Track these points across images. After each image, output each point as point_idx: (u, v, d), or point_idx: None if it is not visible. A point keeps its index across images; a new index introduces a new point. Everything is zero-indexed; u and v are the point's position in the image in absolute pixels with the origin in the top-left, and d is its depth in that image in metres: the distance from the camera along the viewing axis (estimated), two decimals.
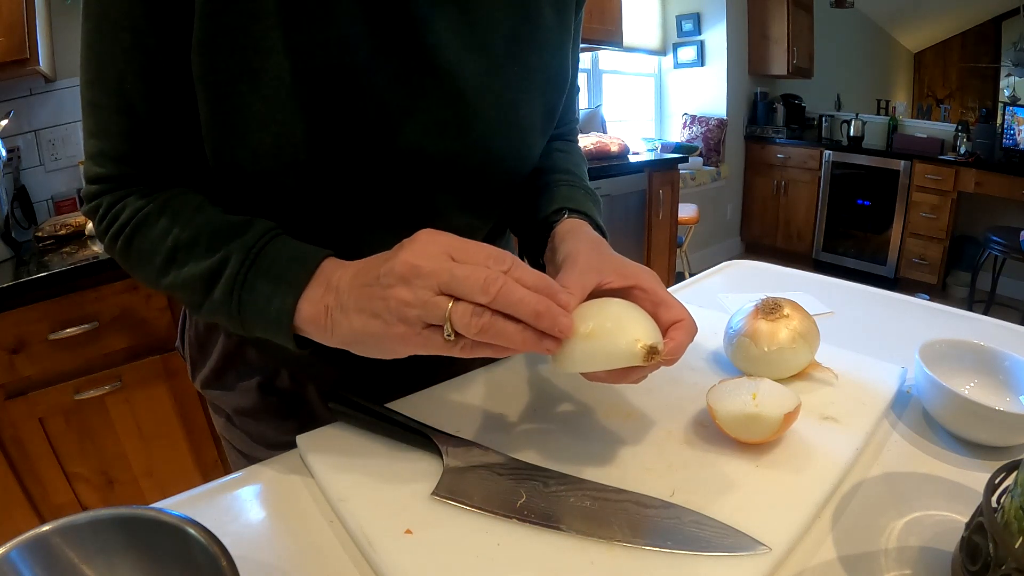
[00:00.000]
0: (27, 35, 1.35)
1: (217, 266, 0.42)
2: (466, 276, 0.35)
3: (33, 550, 0.32)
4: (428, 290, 0.35)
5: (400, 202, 0.50)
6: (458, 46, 0.46)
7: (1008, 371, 0.52)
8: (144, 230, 0.44)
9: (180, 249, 0.43)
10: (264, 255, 0.42)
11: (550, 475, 0.42)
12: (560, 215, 0.54)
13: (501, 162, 0.52)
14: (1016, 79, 3.38)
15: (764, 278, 0.91)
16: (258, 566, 0.38)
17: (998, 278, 3.14)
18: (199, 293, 0.43)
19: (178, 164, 0.47)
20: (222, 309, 0.42)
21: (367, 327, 0.37)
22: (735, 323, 0.56)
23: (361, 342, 0.39)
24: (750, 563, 0.35)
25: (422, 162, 0.48)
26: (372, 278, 0.38)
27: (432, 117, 0.46)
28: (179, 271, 0.43)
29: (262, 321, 0.41)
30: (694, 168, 3.76)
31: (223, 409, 0.63)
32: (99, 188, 0.46)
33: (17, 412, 1.25)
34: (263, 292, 0.41)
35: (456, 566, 0.36)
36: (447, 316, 0.35)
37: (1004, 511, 0.30)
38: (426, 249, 0.37)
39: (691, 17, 3.86)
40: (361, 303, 0.38)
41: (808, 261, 4.10)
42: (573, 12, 0.55)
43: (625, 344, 0.37)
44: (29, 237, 1.51)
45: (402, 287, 0.36)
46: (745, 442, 0.45)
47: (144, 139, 0.45)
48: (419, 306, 0.35)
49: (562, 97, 0.56)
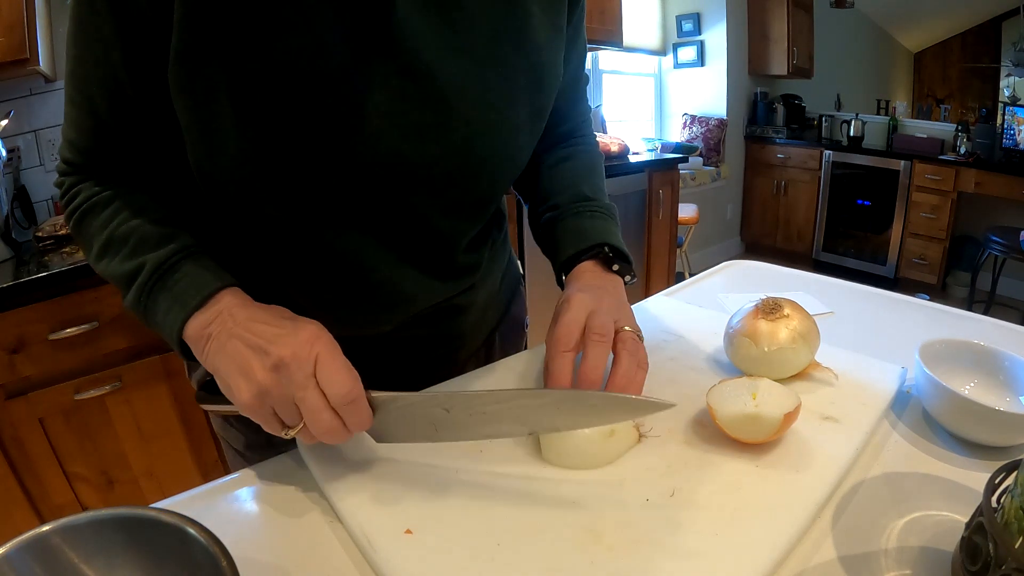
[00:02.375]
0: (27, 35, 1.35)
1: (134, 271, 0.46)
2: (310, 415, 0.40)
3: (33, 550, 0.32)
4: (288, 392, 0.40)
5: (381, 207, 0.49)
6: (438, 47, 0.45)
7: (1008, 371, 0.52)
8: (90, 217, 0.49)
9: (112, 244, 0.48)
10: (172, 271, 0.46)
11: (455, 399, 0.42)
12: (566, 267, 0.58)
13: (483, 164, 0.52)
14: (1016, 79, 3.38)
15: (764, 278, 0.91)
16: (258, 566, 0.38)
17: (998, 278, 3.14)
18: (121, 287, 0.48)
19: (135, 167, 0.50)
20: (133, 309, 0.47)
21: (230, 376, 0.41)
22: (735, 323, 0.56)
23: (220, 378, 0.42)
24: (750, 563, 0.35)
25: (402, 166, 0.47)
26: (258, 344, 0.41)
27: (412, 120, 0.46)
28: (109, 263, 0.48)
29: (159, 329, 0.46)
30: (694, 168, 3.76)
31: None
32: (65, 168, 0.51)
33: (17, 412, 1.25)
34: (162, 305, 0.45)
35: (456, 566, 0.36)
36: (294, 425, 0.41)
37: (1004, 511, 0.30)
38: (300, 352, 0.40)
39: (691, 17, 3.86)
40: (238, 356, 0.41)
41: (808, 261, 4.10)
42: (565, 10, 0.54)
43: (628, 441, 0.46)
44: (29, 237, 1.51)
45: (274, 373, 0.40)
46: (745, 442, 0.45)
47: (105, 140, 0.48)
48: (278, 401, 0.40)
49: (551, 97, 0.55)
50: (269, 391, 0.39)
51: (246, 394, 0.40)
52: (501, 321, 0.72)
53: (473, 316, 0.65)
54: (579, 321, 0.49)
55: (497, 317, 0.72)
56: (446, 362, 0.65)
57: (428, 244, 0.54)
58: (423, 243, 0.54)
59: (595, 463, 0.44)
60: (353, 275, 0.53)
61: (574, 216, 0.60)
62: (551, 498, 0.41)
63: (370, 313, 0.55)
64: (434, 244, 0.55)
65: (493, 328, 0.71)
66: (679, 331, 0.66)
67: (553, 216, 0.62)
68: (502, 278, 0.70)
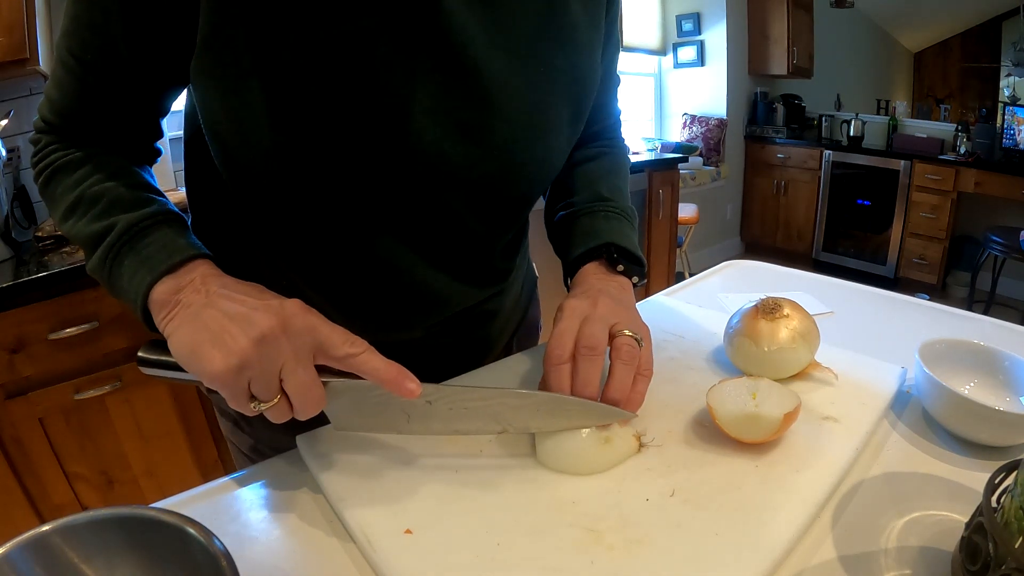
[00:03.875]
0: (27, 35, 1.35)
1: (102, 232, 0.43)
2: (300, 389, 0.38)
3: (33, 550, 0.32)
4: (274, 365, 0.37)
5: (414, 207, 0.48)
6: (484, 44, 0.43)
7: (1008, 371, 0.52)
8: (62, 174, 0.47)
9: (82, 203, 0.45)
10: (142, 234, 0.43)
11: (441, 392, 0.43)
12: (573, 268, 0.57)
13: (523, 168, 0.50)
14: (1016, 79, 3.38)
15: (764, 278, 0.91)
16: (258, 566, 0.38)
17: (998, 278, 3.14)
18: (86, 249, 0.45)
19: (114, 139, 0.49)
20: (98, 272, 0.44)
21: (201, 346, 0.37)
22: (735, 323, 0.56)
23: (183, 346, 0.38)
24: (750, 563, 0.35)
25: (441, 166, 0.46)
26: (241, 314, 0.38)
27: (454, 119, 0.44)
28: (76, 223, 0.45)
29: (122, 295, 0.43)
30: (694, 168, 3.76)
31: (230, 412, 0.63)
32: (43, 127, 0.49)
33: (17, 412, 1.25)
34: (128, 268, 0.42)
35: (456, 566, 0.36)
36: (267, 400, 0.38)
37: (1004, 511, 0.30)
38: (293, 323, 0.38)
39: (691, 17, 3.86)
40: (215, 324, 0.38)
41: (808, 261, 4.10)
42: (604, 8, 0.53)
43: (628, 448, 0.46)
44: (29, 237, 1.51)
45: (259, 345, 0.37)
46: (745, 442, 0.45)
47: (90, 108, 0.46)
48: (259, 375, 0.37)
49: (590, 100, 0.54)
50: (250, 363, 0.37)
51: (219, 364, 0.36)
52: (520, 325, 0.72)
53: (500, 321, 0.64)
54: (571, 331, 0.47)
55: (517, 321, 0.71)
56: (471, 367, 0.63)
57: (463, 247, 0.53)
58: (458, 246, 0.53)
59: (590, 470, 0.43)
60: (386, 277, 0.51)
61: (588, 216, 0.59)
62: (551, 498, 0.41)
63: (402, 317, 0.54)
64: (469, 247, 0.54)
65: (513, 332, 0.71)
66: (679, 331, 0.66)
67: (566, 215, 0.60)
68: (523, 281, 0.70)
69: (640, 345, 0.48)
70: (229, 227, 0.52)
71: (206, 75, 0.41)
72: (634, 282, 0.57)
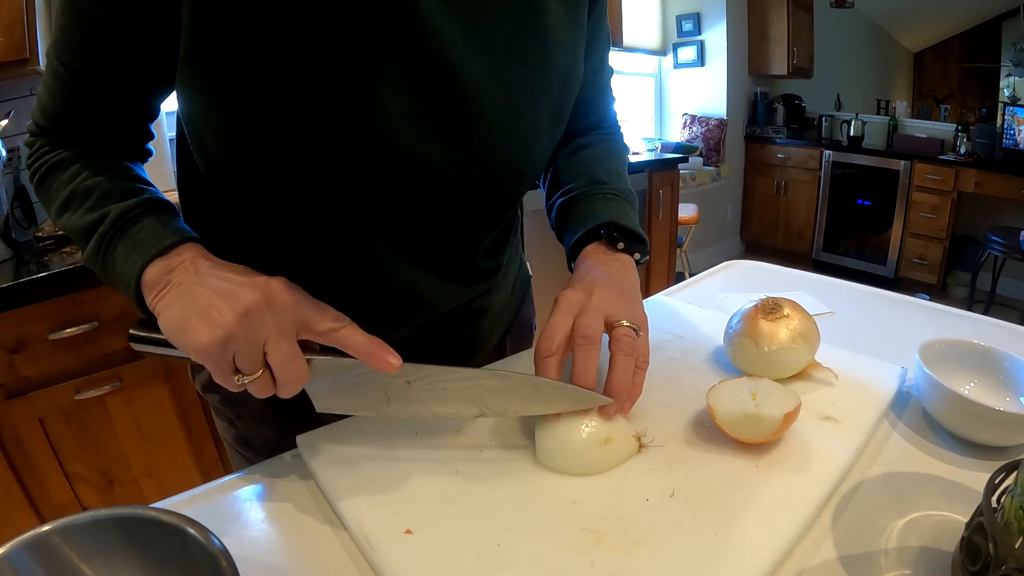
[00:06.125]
0: (27, 35, 1.35)
1: (96, 221, 0.45)
2: (284, 363, 0.39)
3: (33, 550, 0.32)
4: (258, 338, 0.38)
5: (396, 210, 0.49)
6: (462, 47, 0.44)
7: (1008, 371, 0.52)
8: (56, 171, 0.48)
9: (75, 197, 0.46)
10: (134, 221, 0.44)
11: (421, 371, 0.43)
12: (575, 252, 0.57)
13: (504, 169, 0.51)
14: (1016, 79, 3.38)
15: (764, 278, 0.91)
16: (258, 566, 0.38)
17: (998, 278, 3.14)
18: (80, 240, 0.46)
19: (105, 141, 0.50)
20: (92, 261, 0.46)
21: (189, 320, 0.39)
22: (735, 323, 0.56)
23: (172, 323, 0.40)
24: (750, 563, 0.35)
25: (420, 169, 0.46)
26: (227, 290, 0.39)
27: (432, 122, 0.45)
28: (71, 216, 0.46)
29: (116, 280, 0.44)
30: (694, 168, 3.76)
31: (225, 412, 0.63)
32: (35, 130, 0.51)
33: (17, 412, 1.25)
34: (121, 254, 0.44)
35: (456, 566, 0.36)
36: (251, 373, 0.40)
37: (1004, 511, 0.30)
38: (278, 298, 0.39)
39: (691, 17, 3.86)
40: (203, 300, 0.39)
41: (808, 261, 4.10)
42: (586, 6, 0.53)
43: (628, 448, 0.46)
44: (29, 237, 1.51)
45: (244, 319, 0.38)
46: (745, 442, 0.45)
47: (80, 113, 0.48)
48: (244, 347, 0.38)
49: (572, 99, 0.54)
50: (235, 336, 0.38)
51: (205, 337, 0.38)
52: (512, 323, 0.72)
53: (489, 319, 0.64)
54: (563, 324, 0.47)
55: (509, 319, 0.71)
56: (460, 365, 0.64)
57: (447, 248, 0.54)
58: (442, 247, 0.53)
59: (589, 470, 0.43)
60: (371, 279, 0.52)
61: (585, 200, 0.58)
62: (551, 498, 0.41)
63: (388, 317, 0.55)
64: (453, 248, 0.54)
65: (505, 331, 0.71)
66: (679, 331, 0.66)
67: (564, 201, 0.60)
68: (515, 280, 0.70)
69: (638, 335, 0.48)
70: (216, 227, 0.53)
71: (187, 85, 0.42)
72: (636, 259, 0.56)
